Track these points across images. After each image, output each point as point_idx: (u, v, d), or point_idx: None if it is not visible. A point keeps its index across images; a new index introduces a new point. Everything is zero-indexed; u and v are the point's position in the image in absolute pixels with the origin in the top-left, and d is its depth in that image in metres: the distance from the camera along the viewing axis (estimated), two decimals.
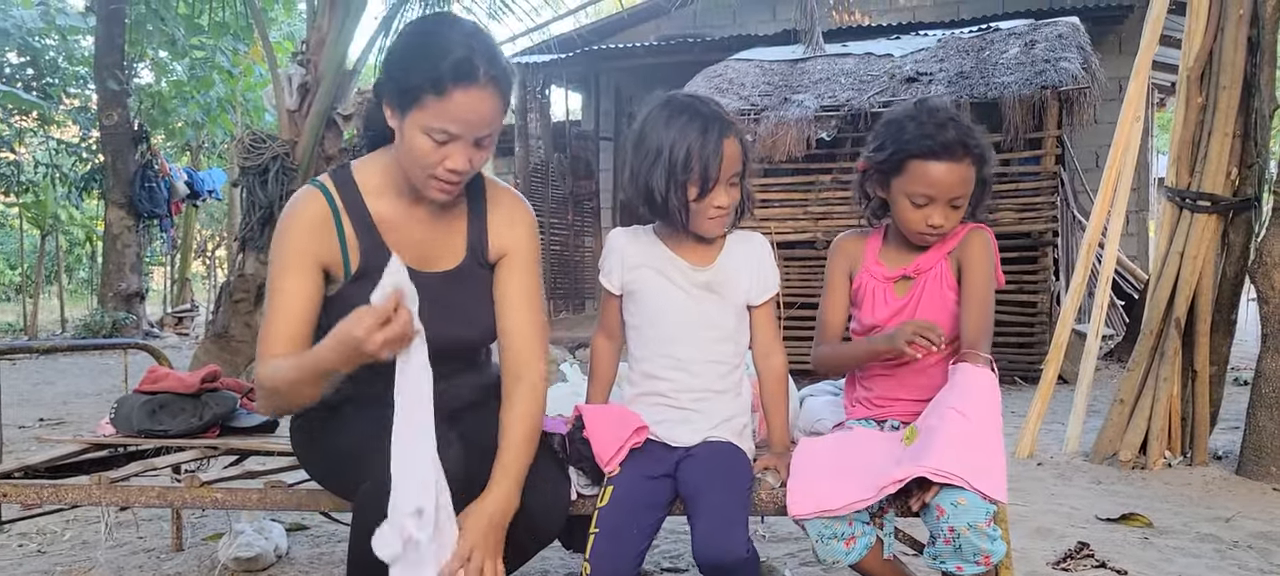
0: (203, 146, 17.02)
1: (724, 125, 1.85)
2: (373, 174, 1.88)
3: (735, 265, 1.94)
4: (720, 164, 1.83)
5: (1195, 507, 3.48)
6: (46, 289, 16.37)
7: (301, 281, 1.79)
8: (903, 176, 1.94)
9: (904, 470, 1.73)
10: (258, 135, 7.61)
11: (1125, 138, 4.46)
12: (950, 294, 1.98)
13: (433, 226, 1.90)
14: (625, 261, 1.98)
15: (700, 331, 1.92)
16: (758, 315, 1.97)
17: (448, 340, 1.84)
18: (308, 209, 1.83)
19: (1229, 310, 4.18)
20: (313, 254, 1.81)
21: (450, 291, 1.88)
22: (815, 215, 7.93)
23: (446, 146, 1.73)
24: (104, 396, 7.09)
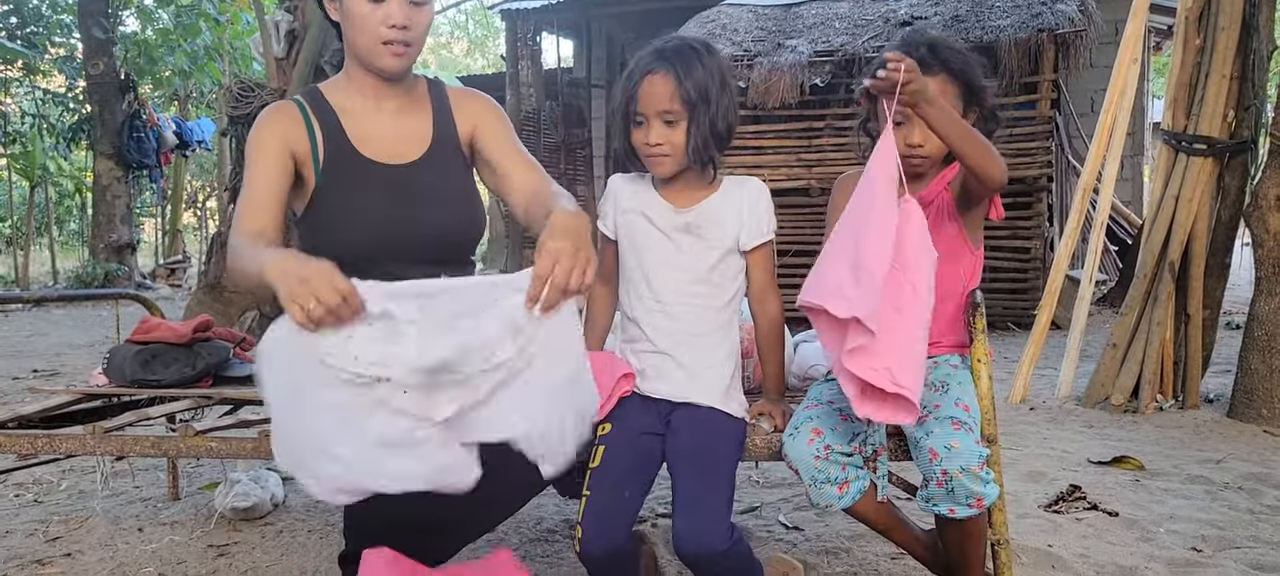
0: (190, 96, 16.84)
1: (653, 60, 1.83)
2: (336, 86, 1.98)
3: (721, 207, 1.91)
4: (638, 100, 1.84)
5: (1186, 450, 3.51)
6: (37, 241, 16.28)
7: (273, 164, 1.86)
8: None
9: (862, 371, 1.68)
10: (246, 83, 7.52)
11: (1122, 80, 4.42)
12: (953, 225, 1.95)
13: (397, 119, 1.96)
14: (619, 206, 1.97)
15: (677, 272, 1.90)
16: (752, 260, 1.95)
17: (429, 229, 1.90)
18: (278, 109, 1.93)
19: (1223, 254, 4.19)
20: (283, 140, 1.88)
21: (422, 178, 1.93)
22: (809, 162, 7.89)
23: (383, 5, 1.79)
24: (97, 347, 7.08)
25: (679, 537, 1.72)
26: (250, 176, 1.87)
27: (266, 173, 1.86)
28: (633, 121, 1.87)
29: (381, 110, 1.96)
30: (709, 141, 1.85)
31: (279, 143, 1.88)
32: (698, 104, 1.82)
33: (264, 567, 2.38)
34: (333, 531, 2.63)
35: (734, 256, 1.93)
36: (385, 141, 1.94)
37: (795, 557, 2.35)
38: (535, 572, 2.25)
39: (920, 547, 1.98)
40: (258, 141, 1.88)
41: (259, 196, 1.84)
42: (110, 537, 2.62)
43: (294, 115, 1.92)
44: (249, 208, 1.84)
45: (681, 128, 1.83)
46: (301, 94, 1.98)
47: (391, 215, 1.89)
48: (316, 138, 1.90)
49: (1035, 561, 2.35)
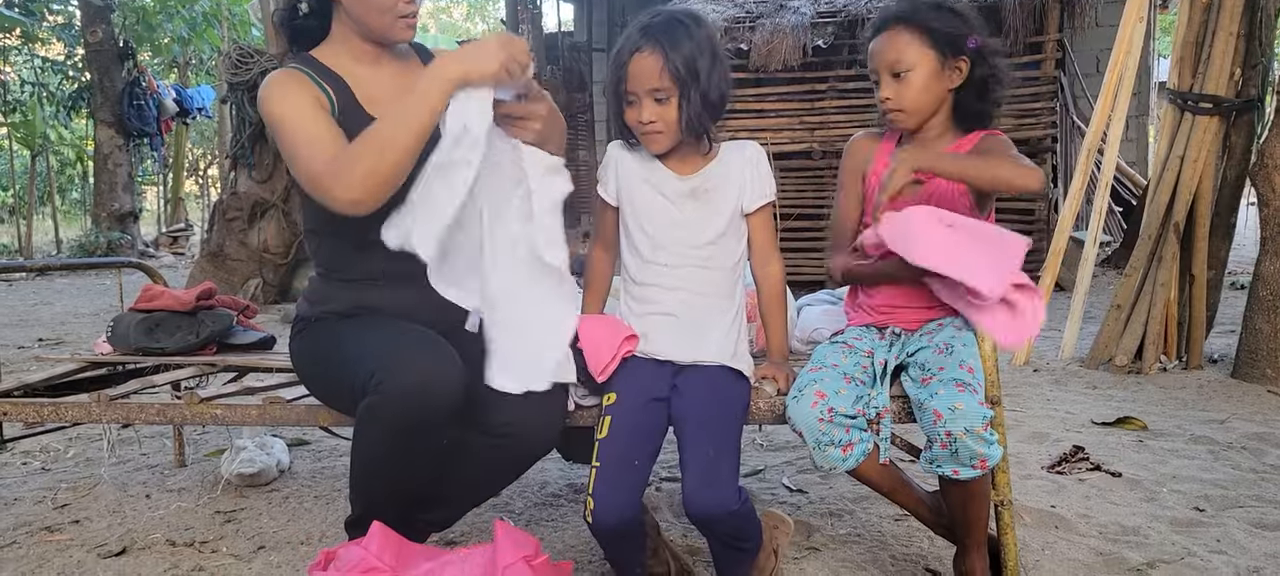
0: (190, 63, 16.74)
1: (639, 39, 1.81)
2: (330, 54, 1.96)
3: (724, 172, 1.92)
4: (627, 80, 1.83)
5: (1190, 410, 3.51)
6: (40, 210, 16.27)
7: (319, 112, 1.83)
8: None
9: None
10: (245, 50, 7.48)
11: (1128, 39, 4.38)
12: (964, 200, 1.93)
13: (395, 80, 1.98)
14: (620, 172, 1.97)
15: (684, 238, 1.90)
16: (753, 222, 1.95)
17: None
18: (284, 76, 1.88)
19: (1228, 214, 4.17)
20: (311, 97, 1.85)
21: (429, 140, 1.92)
22: (811, 125, 7.84)
23: None
24: (100, 316, 7.10)
25: (689, 498, 1.73)
26: (299, 128, 1.79)
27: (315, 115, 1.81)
28: (624, 101, 1.86)
29: (381, 73, 1.97)
30: (702, 114, 1.83)
31: (311, 98, 1.85)
32: (687, 79, 1.80)
33: (271, 533, 2.40)
34: (339, 497, 2.65)
35: (738, 219, 1.93)
36: (386, 101, 1.94)
37: (799, 520, 2.36)
38: (541, 538, 2.26)
39: (924, 509, 1.98)
40: (289, 104, 1.82)
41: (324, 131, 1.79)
42: (118, 504, 2.63)
43: (306, 79, 1.89)
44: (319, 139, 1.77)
45: (672, 104, 1.82)
46: (296, 63, 1.94)
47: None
48: (332, 100, 1.89)
49: (1038, 522, 2.36)
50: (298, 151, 1.78)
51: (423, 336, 1.82)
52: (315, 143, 1.77)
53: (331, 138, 1.79)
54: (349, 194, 1.71)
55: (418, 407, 1.70)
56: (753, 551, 1.88)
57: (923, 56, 1.90)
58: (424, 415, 1.72)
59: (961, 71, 1.92)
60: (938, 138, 1.96)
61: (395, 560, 1.63)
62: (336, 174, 1.72)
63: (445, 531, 2.20)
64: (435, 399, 1.71)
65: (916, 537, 2.27)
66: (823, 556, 2.17)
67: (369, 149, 1.70)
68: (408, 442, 1.74)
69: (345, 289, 1.95)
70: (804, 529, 2.32)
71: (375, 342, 1.81)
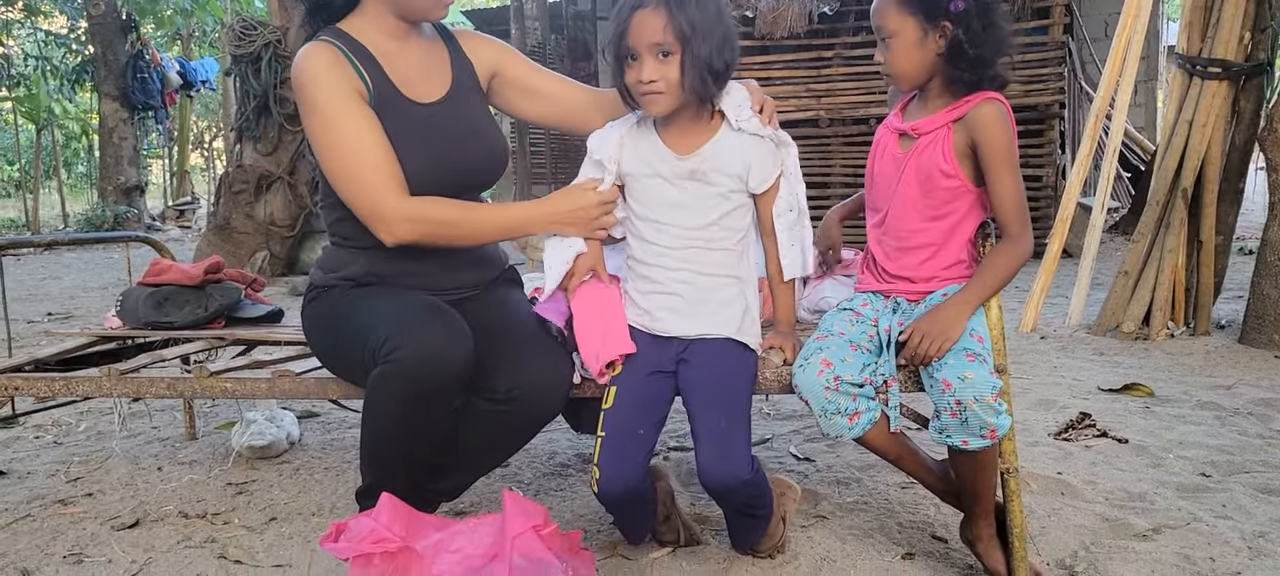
0: (193, 35, 16.69)
1: (636, 1, 1.77)
2: (360, 27, 1.95)
3: (726, 151, 1.87)
4: (628, 35, 1.77)
5: (1197, 376, 3.51)
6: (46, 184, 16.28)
7: (364, 114, 1.86)
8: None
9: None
10: (248, 22, 7.45)
11: (1136, 3, 4.34)
12: (944, 164, 1.89)
13: (423, 59, 2.01)
14: (619, 156, 1.94)
15: (685, 220, 1.88)
16: (761, 201, 1.93)
17: (462, 163, 1.97)
18: (321, 53, 1.86)
19: (1237, 179, 4.15)
20: (352, 88, 1.86)
21: (451, 114, 1.99)
22: (818, 93, 7.81)
23: None
24: (109, 290, 7.13)
25: (703, 467, 1.74)
26: (345, 135, 1.82)
27: (364, 126, 1.84)
28: (625, 59, 1.80)
29: (409, 51, 1.98)
30: (706, 77, 1.78)
31: (349, 92, 1.85)
32: (692, 35, 1.75)
33: (282, 504, 2.42)
34: (349, 468, 2.67)
35: (743, 197, 1.91)
36: (417, 81, 1.96)
37: (806, 487, 2.37)
38: (549, 508, 2.28)
39: (931, 476, 1.99)
40: (330, 95, 1.83)
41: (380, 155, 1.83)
42: (130, 477, 2.66)
43: (342, 60, 1.88)
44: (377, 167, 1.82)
45: (675, 61, 1.76)
46: (328, 36, 1.92)
47: (429, 154, 1.92)
48: (367, 82, 1.89)
49: (1045, 488, 2.37)
50: (343, 161, 1.82)
51: (432, 306, 1.83)
52: (363, 155, 1.81)
53: (380, 152, 1.83)
54: (393, 236, 1.83)
55: (429, 376, 1.72)
56: (765, 518, 1.89)
57: (903, 23, 1.87)
58: (434, 383, 1.73)
59: (944, 36, 1.86)
60: (937, 98, 1.93)
61: (405, 530, 1.65)
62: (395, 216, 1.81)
63: (454, 501, 2.21)
64: (445, 367, 1.73)
65: (923, 505, 2.28)
66: (830, 524, 2.18)
67: (442, 220, 1.86)
68: (418, 411, 1.76)
69: (359, 256, 1.97)
70: (811, 497, 2.34)
71: (386, 311, 1.83)
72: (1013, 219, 1.88)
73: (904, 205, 1.94)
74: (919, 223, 1.94)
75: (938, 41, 1.87)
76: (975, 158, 1.89)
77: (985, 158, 1.86)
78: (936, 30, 1.86)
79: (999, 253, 1.89)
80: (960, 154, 1.89)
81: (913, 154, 1.92)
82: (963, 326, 1.81)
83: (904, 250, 1.97)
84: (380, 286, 1.94)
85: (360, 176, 1.81)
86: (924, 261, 1.95)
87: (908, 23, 1.87)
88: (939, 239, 1.94)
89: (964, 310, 1.83)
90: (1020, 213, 1.87)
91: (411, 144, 1.89)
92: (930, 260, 1.95)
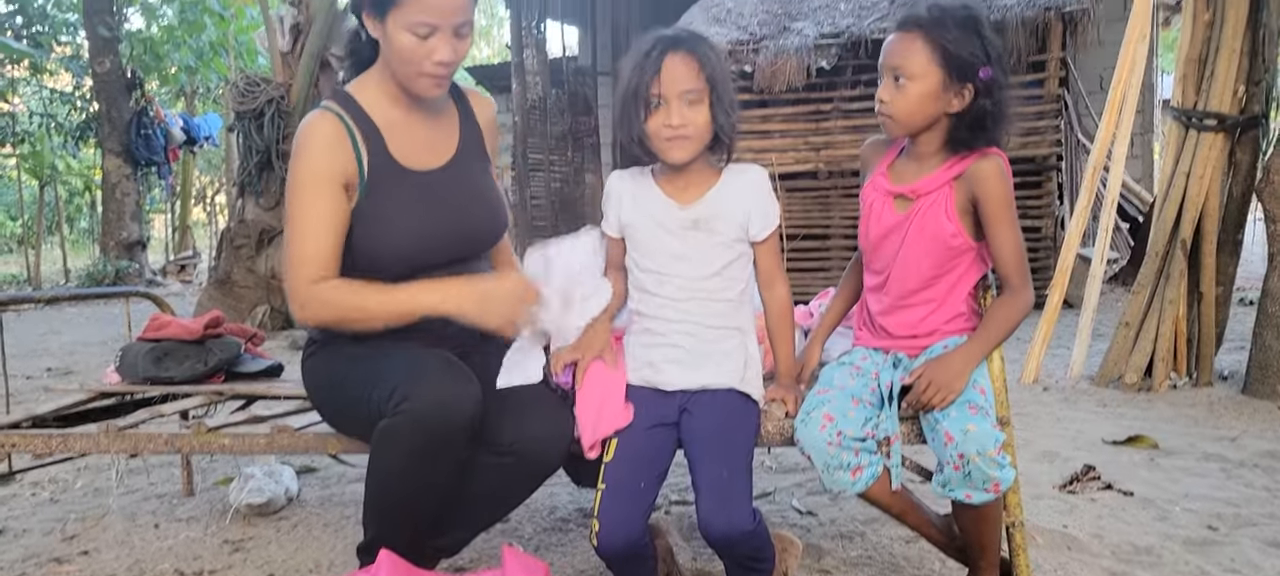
0: (197, 92, 16.85)
1: (670, 42, 1.81)
2: (368, 90, 1.97)
3: (727, 199, 1.89)
4: (658, 78, 1.80)
5: (1201, 428, 3.49)
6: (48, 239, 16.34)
7: (331, 201, 1.87)
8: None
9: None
10: (251, 78, 7.52)
11: (1131, 57, 4.39)
12: (948, 224, 1.89)
13: (429, 127, 2.02)
14: (621, 204, 1.96)
15: (688, 271, 1.89)
16: (760, 248, 1.94)
17: (461, 230, 1.99)
18: (323, 127, 1.90)
19: (1235, 230, 4.16)
20: (337, 172, 1.88)
21: (452, 181, 2.00)
22: (816, 145, 7.86)
23: (429, 40, 1.83)
24: (109, 345, 7.11)
25: (706, 520, 1.72)
26: (309, 220, 1.86)
27: (326, 217, 1.86)
28: (650, 106, 1.83)
29: (414, 118, 2.00)
30: (730, 124, 1.85)
31: (331, 176, 1.87)
32: (718, 80, 1.82)
33: (280, 561, 2.39)
34: (348, 524, 2.64)
35: (744, 246, 1.92)
36: (419, 149, 1.98)
37: (809, 542, 2.35)
38: (550, 563, 2.25)
39: (935, 531, 1.97)
40: (310, 174, 1.87)
41: (323, 242, 1.85)
42: (127, 535, 2.63)
43: (340, 137, 1.90)
44: (314, 253, 1.85)
45: (705, 107, 1.82)
46: (336, 101, 1.96)
47: (426, 222, 1.93)
48: (362, 158, 1.91)
49: (1050, 542, 2.34)
50: (291, 235, 1.87)
51: (440, 357, 1.83)
52: (310, 246, 1.85)
53: (322, 238, 1.85)
54: (303, 316, 1.87)
55: (438, 427, 1.72)
56: (767, 572, 1.87)
57: (928, 70, 1.84)
58: (444, 435, 1.73)
59: (964, 98, 1.85)
60: (932, 154, 1.93)
61: None
62: (306, 297, 1.83)
63: (454, 557, 2.19)
64: (455, 418, 1.73)
65: (928, 559, 2.25)
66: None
67: (347, 305, 1.84)
68: (426, 462, 1.75)
69: None
70: (814, 551, 2.31)
71: (392, 363, 1.83)
72: (1014, 272, 1.88)
73: (907, 268, 1.93)
74: (922, 282, 1.94)
75: (955, 101, 1.85)
76: (975, 213, 1.89)
77: (986, 212, 1.87)
78: (958, 89, 1.85)
79: (1001, 305, 1.88)
80: (961, 211, 1.89)
81: (914, 217, 1.91)
82: (967, 378, 1.80)
83: (906, 308, 1.97)
84: (379, 339, 1.94)
85: (294, 253, 1.86)
86: (926, 317, 1.95)
87: (934, 72, 1.84)
88: (941, 295, 1.94)
89: (969, 363, 1.82)
90: (1021, 265, 1.87)
91: (408, 212, 1.91)
92: (932, 315, 1.95)
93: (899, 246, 1.93)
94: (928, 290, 1.94)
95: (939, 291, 1.94)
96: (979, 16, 1.86)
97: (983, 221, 1.88)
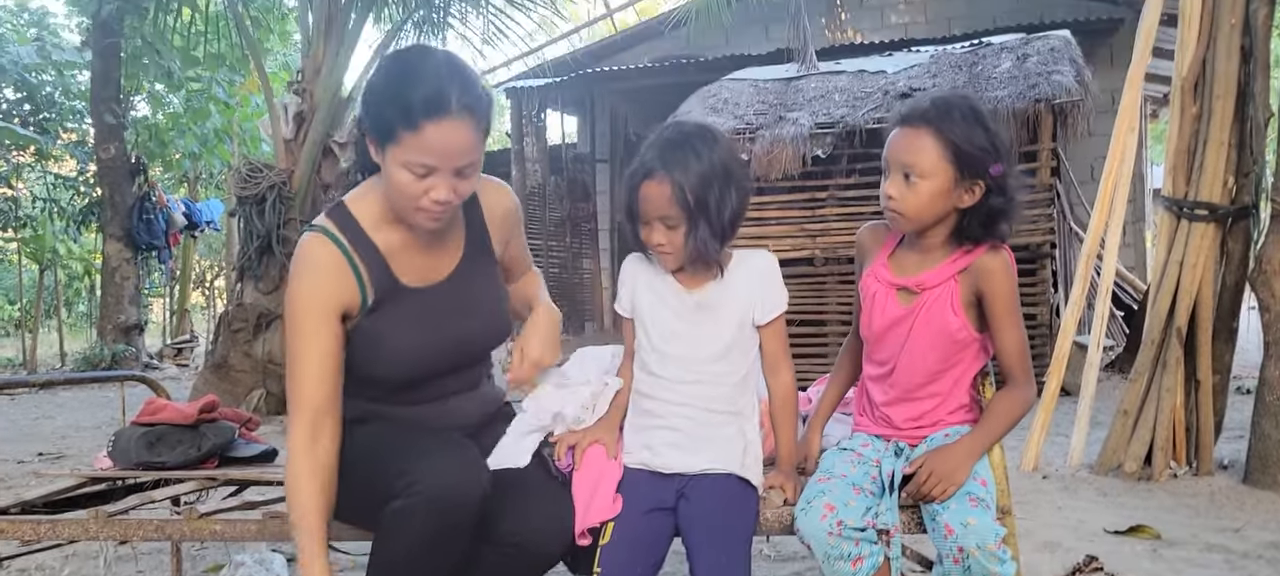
0: (200, 177, 17.02)
1: (652, 163, 1.83)
2: (369, 206, 1.89)
3: (733, 285, 1.92)
4: (638, 203, 1.86)
5: (1203, 518, 3.45)
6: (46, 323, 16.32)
7: (325, 335, 1.80)
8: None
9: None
10: (254, 164, 7.60)
11: (1121, 148, 4.45)
12: (954, 318, 1.89)
13: (432, 240, 1.93)
14: (635, 284, 1.99)
15: (689, 353, 1.90)
16: (765, 332, 1.94)
17: (462, 341, 1.94)
18: (320, 256, 1.83)
19: (1230, 318, 4.17)
20: (334, 303, 1.81)
21: (456, 293, 1.94)
22: (812, 232, 7.93)
23: (428, 178, 1.73)
24: (102, 429, 7.05)
25: None
26: (304, 355, 1.79)
27: (319, 351, 1.79)
28: (636, 220, 1.88)
29: (415, 239, 1.91)
30: (709, 243, 1.84)
31: (330, 310, 1.81)
32: (695, 210, 1.81)
33: None
34: None
35: (748, 331, 1.92)
36: (421, 267, 1.92)
37: None
38: None
39: None
40: (303, 306, 1.80)
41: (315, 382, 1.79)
42: None
43: (338, 267, 1.83)
44: (309, 398, 1.78)
45: (681, 231, 1.83)
46: (334, 220, 1.88)
47: (423, 340, 1.89)
48: (365, 283, 1.85)
49: None
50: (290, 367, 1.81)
51: (447, 438, 1.82)
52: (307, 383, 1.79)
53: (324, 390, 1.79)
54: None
55: (450, 510, 1.68)
56: None
57: (939, 168, 1.82)
58: (456, 517, 1.70)
59: (975, 194, 1.84)
60: (937, 247, 1.94)
61: None
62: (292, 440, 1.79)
63: None
64: (467, 501, 1.70)
65: None
66: None
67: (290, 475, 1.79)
68: (435, 547, 1.72)
69: (353, 399, 1.94)
70: None
71: (400, 445, 1.80)
72: (1018, 367, 1.88)
73: (913, 361, 1.93)
74: (929, 376, 1.93)
75: (966, 197, 1.84)
76: (979, 305, 1.90)
77: (992, 308, 1.87)
78: (969, 186, 1.84)
79: (1005, 399, 1.88)
80: (966, 304, 1.89)
81: (920, 310, 1.90)
82: (969, 470, 1.79)
83: (912, 401, 1.96)
84: (378, 423, 1.93)
85: (292, 390, 1.81)
86: (931, 410, 1.95)
87: (945, 169, 1.82)
88: (947, 388, 1.94)
89: (972, 455, 1.82)
90: (1024, 360, 1.87)
91: (406, 333, 1.88)
92: (938, 407, 1.95)
93: (905, 339, 1.93)
94: (934, 383, 1.94)
95: (945, 384, 1.94)
96: (982, 110, 1.87)
97: (988, 316, 1.89)
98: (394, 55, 1.86)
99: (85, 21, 13.03)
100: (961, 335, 1.90)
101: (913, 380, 1.94)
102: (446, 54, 1.82)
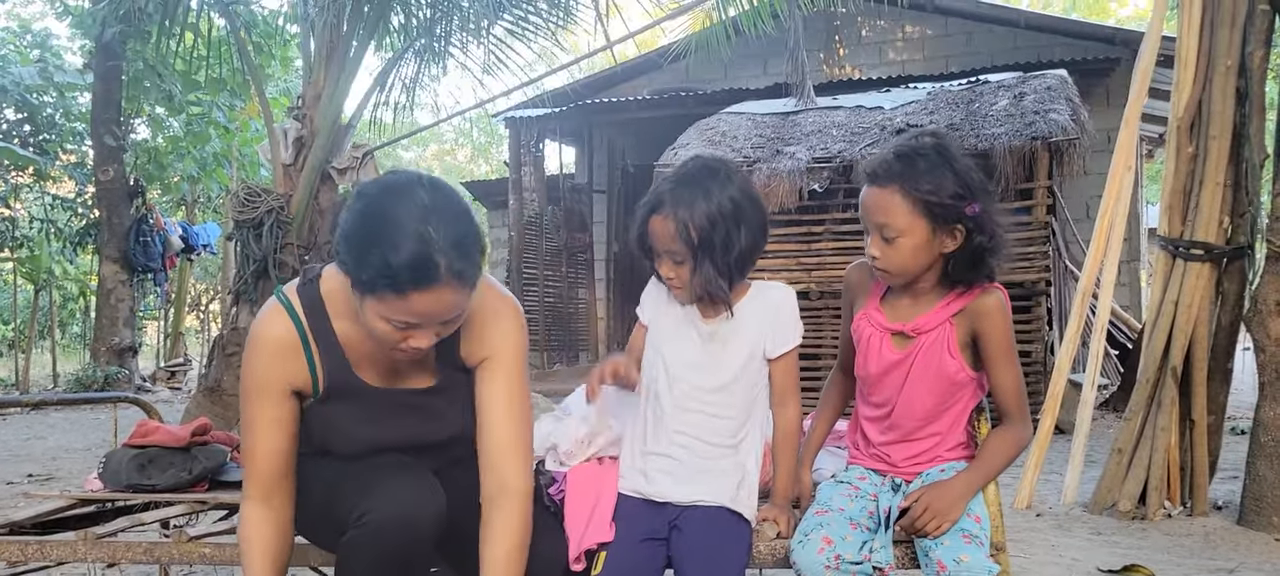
0: (198, 200, 17.05)
1: (661, 198, 1.85)
2: (343, 289, 1.70)
3: (747, 317, 1.92)
4: (647, 237, 1.88)
5: (1197, 559, 3.44)
6: (39, 343, 16.28)
7: (276, 410, 1.76)
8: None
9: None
10: (252, 189, 7.62)
11: (1117, 187, 4.48)
12: (952, 360, 1.88)
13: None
14: (657, 300, 2.00)
15: (696, 380, 1.90)
16: (775, 366, 1.93)
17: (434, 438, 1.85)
18: (274, 336, 1.75)
19: (1225, 358, 4.18)
20: (284, 381, 1.75)
21: (429, 402, 1.84)
22: (808, 266, 7.95)
23: (409, 330, 1.62)
24: (94, 451, 7.01)
25: None
26: (255, 429, 1.75)
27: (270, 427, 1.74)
28: (649, 253, 1.91)
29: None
30: (715, 281, 1.84)
31: (281, 387, 1.75)
32: (701, 246, 1.81)
33: None
34: None
35: (757, 363, 1.92)
36: (388, 369, 1.82)
37: None
38: None
39: None
40: (254, 382, 1.75)
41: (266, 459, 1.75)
42: None
43: (290, 344, 1.75)
44: (258, 472, 1.75)
45: (686, 267, 1.85)
46: (301, 300, 1.78)
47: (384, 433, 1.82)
48: (317, 372, 1.77)
49: None
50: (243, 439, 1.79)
51: (401, 465, 1.77)
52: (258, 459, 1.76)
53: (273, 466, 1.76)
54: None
55: (403, 540, 1.66)
56: None
57: (913, 225, 1.80)
58: (409, 547, 1.67)
59: (957, 238, 1.82)
60: (930, 290, 1.92)
61: None
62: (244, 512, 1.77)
63: None
64: (419, 529, 1.67)
65: None
66: None
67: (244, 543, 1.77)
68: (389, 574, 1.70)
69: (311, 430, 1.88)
70: None
71: (353, 475, 1.76)
72: (1014, 406, 1.88)
73: (911, 403, 1.93)
74: (927, 417, 1.93)
75: (948, 242, 1.83)
76: (975, 346, 1.90)
77: (988, 349, 1.87)
78: (948, 232, 1.82)
79: (1001, 437, 1.88)
80: (962, 346, 1.89)
81: (917, 354, 1.90)
82: (964, 507, 1.79)
83: (912, 442, 1.96)
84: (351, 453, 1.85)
85: (245, 464, 1.79)
86: (930, 448, 1.95)
87: (919, 224, 1.80)
88: (946, 427, 1.94)
89: (968, 491, 1.81)
90: (1021, 399, 1.87)
91: (362, 422, 1.80)
92: (937, 446, 1.95)
93: (902, 383, 1.93)
94: (933, 424, 1.94)
95: (944, 424, 1.94)
96: (948, 148, 1.84)
97: (984, 357, 1.89)
98: (371, 197, 1.62)
99: (88, 44, 13.10)
100: (959, 376, 1.89)
101: (911, 422, 1.94)
102: (426, 201, 1.59)
